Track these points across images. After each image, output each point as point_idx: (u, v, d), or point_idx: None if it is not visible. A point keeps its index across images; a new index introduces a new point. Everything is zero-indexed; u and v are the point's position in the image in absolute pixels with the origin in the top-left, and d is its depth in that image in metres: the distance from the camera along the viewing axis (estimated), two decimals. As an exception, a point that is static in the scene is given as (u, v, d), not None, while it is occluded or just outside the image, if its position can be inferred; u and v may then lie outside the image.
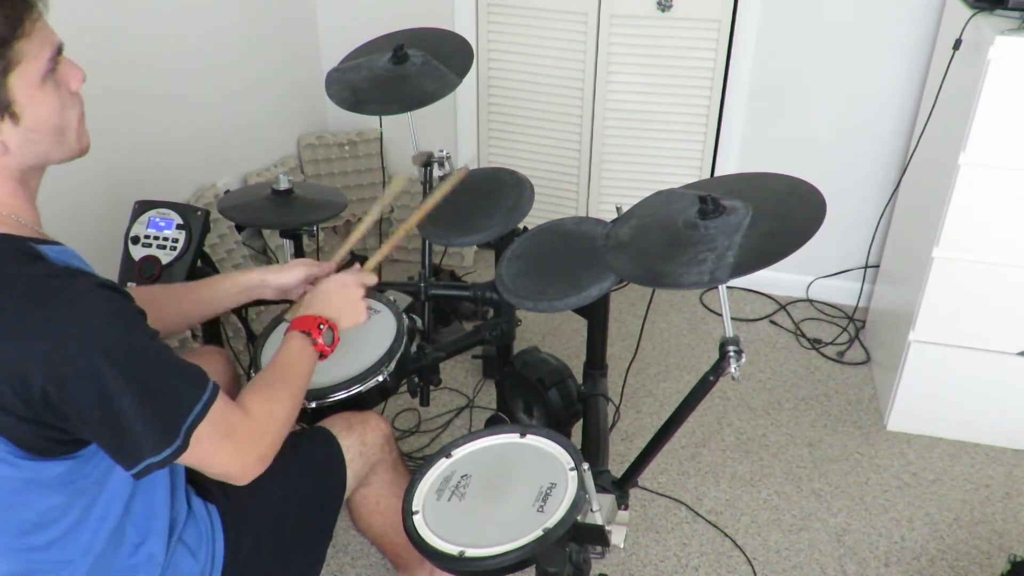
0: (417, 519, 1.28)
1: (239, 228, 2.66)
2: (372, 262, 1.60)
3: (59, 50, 1.03)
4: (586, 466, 1.24)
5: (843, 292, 2.93)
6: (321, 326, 1.34)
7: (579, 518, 1.24)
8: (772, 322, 2.89)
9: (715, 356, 1.35)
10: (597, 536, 1.25)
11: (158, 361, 1.04)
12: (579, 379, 2.02)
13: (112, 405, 0.98)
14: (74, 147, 1.09)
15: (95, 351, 0.97)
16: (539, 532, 1.20)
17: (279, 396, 1.21)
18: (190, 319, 1.57)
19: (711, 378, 1.38)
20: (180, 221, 1.89)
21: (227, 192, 2.59)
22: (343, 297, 1.41)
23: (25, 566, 1.11)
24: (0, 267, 1.00)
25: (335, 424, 1.46)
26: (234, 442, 1.10)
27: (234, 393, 1.75)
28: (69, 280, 1.01)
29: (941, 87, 2.18)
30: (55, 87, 1.03)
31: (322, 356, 1.34)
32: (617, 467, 1.74)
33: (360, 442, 1.46)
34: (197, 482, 1.30)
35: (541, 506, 1.26)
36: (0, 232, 1.03)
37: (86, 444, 1.06)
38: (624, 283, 2.40)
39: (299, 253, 2.09)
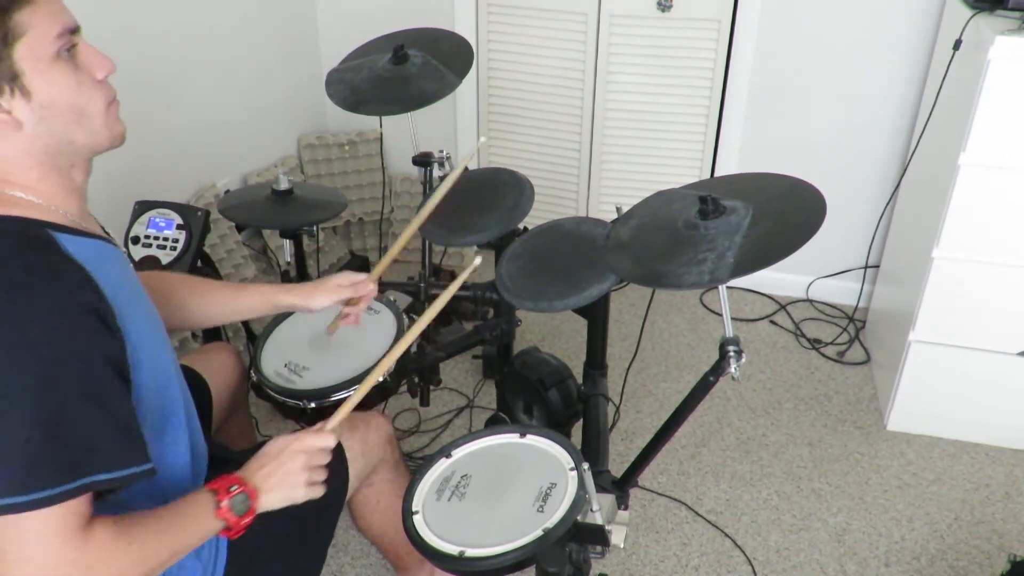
0: (417, 519, 1.28)
1: (239, 228, 2.66)
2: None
3: (73, 30, 1.01)
4: (586, 466, 1.24)
5: (843, 292, 2.93)
6: (233, 488, 1.10)
7: (579, 518, 1.24)
8: (772, 322, 2.89)
9: (715, 356, 1.35)
10: (597, 536, 1.25)
11: (90, 410, 0.94)
12: (579, 379, 2.02)
13: (16, 435, 0.90)
14: (103, 133, 1.07)
15: (20, 370, 0.90)
16: (539, 532, 1.20)
17: (145, 544, 1.01)
18: (212, 319, 1.50)
19: (711, 378, 1.38)
20: (180, 221, 1.89)
21: (227, 192, 2.59)
22: (279, 466, 1.17)
23: None
24: None
25: None
26: (59, 548, 0.93)
27: (241, 392, 1.75)
28: (45, 283, 0.94)
29: (941, 87, 2.18)
30: (71, 68, 1.00)
31: (226, 530, 1.10)
32: (617, 467, 1.74)
33: (362, 441, 1.46)
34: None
35: (541, 506, 1.26)
36: (11, 214, 0.99)
37: None
38: (624, 283, 2.40)
39: (299, 253, 2.10)
